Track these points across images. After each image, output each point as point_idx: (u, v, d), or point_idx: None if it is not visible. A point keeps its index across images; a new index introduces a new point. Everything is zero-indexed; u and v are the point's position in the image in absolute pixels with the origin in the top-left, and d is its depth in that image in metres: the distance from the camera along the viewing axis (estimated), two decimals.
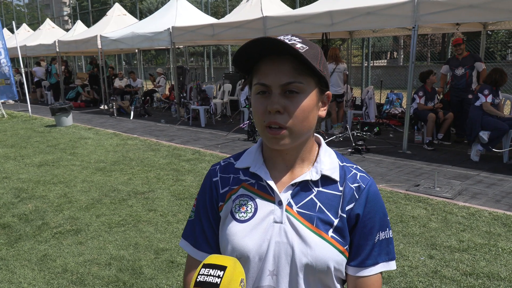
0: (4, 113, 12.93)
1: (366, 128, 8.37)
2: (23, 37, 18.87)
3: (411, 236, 3.72)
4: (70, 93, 15.55)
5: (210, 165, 6.32)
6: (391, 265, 0.99)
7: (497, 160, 6.19)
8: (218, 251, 1.05)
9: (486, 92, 6.09)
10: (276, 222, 0.96)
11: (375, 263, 0.97)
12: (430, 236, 3.69)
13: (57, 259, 3.48)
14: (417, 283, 2.98)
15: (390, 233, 1.00)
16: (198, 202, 1.08)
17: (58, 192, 5.23)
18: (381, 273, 0.98)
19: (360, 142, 7.04)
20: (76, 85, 15.90)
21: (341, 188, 0.98)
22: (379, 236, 0.98)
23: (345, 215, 0.96)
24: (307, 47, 0.91)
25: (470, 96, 7.04)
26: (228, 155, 5.74)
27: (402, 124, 8.37)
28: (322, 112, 1.00)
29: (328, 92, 0.99)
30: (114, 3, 17.24)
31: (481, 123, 6.07)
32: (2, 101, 12.79)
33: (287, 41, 0.90)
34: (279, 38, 0.91)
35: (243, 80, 10.88)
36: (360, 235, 0.97)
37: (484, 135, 5.97)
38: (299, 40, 0.92)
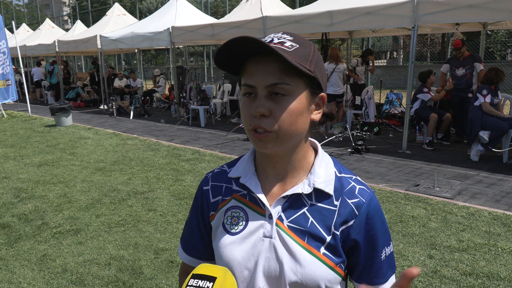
0: (4, 113, 12.92)
1: (366, 128, 8.38)
2: (23, 37, 18.88)
3: (410, 236, 3.72)
4: (70, 92, 15.53)
5: (209, 165, 6.32)
6: (394, 277, 0.98)
7: (497, 160, 6.19)
8: (206, 256, 1.06)
9: (484, 92, 6.09)
10: (266, 236, 0.91)
11: (385, 280, 0.95)
12: (430, 236, 3.70)
13: (56, 259, 3.48)
14: (416, 283, 2.98)
15: (392, 246, 0.97)
16: (191, 207, 1.08)
17: (57, 192, 5.23)
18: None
19: (359, 142, 7.04)
20: (77, 86, 15.89)
21: (336, 203, 0.91)
22: (385, 253, 0.94)
23: (338, 233, 0.90)
24: (297, 46, 0.86)
25: (470, 95, 7.05)
26: (227, 155, 5.69)
27: (401, 124, 8.38)
28: (316, 115, 0.92)
29: (322, 94, 0.91)
30: (113, 3, 17.24)
31: (481, 123, 6.07)
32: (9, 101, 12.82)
33: (276, 39, 0.86)
34: (268, 36, 0.88)
35: None
36: (365, 254, 0.93)
37: (485, 134, 5.97)
38: (289, 38, 0.87)
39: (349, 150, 6.91)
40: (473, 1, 5.66)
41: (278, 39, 0.87)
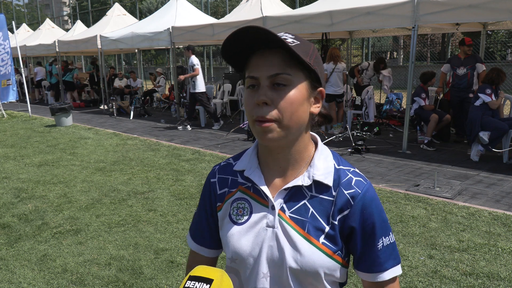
0: (4, 113, 12.93)
1: (366, 128, 8.38)
2: (23, 37, 18.88)
3: (411, 236, 3.72)
4: (68, 74, 15.23)
5: (209, 165, 6.32)
6: (399, 269, 0.99)
7: (497, 160, 6.19)
8: (213, 244, 1.11)
9: (488, 91, 6.08)
10: (269, 226, 0.97)
11: (385, 269, 0.97)
12: (430, 236, 3.70)
13: (57, 259, 3.48)
14: (417, 283, 2.98)
15: (392, 238, 0.99)
16: (200, 198, 1.13)
17: (58, 192, 5.23)
18: (397, 277, 0.99)
19: (360, 142, 7.04)
20: (75, 67, 15.67)
21: (334, 193, 0.96)
22: (383, 242, 0.96)
23: (336, 223, 0.95)
24: (299, 42, 0.91)
25: (470, 95, 7.04)
26: (227, 155, 5.70)
27: (402, 124, 8.37)
28: (315, 109, 0.97)
29: (320, 88, 0.97)
30: (114, 3, 17.24)
31: (481, 123, 6.07)
32: (8, 101, 12.82)
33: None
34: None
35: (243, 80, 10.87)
36: (362, 242, 0.96)
37: (485, 135, 5.97)
38: (291, 36, 0.92)
39: (349, 150, 6.91)
40: (473, 1, 5.66)
41: (280, 36, 0.91)
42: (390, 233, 0.98)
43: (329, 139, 7.52)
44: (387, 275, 0.97)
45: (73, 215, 4.44)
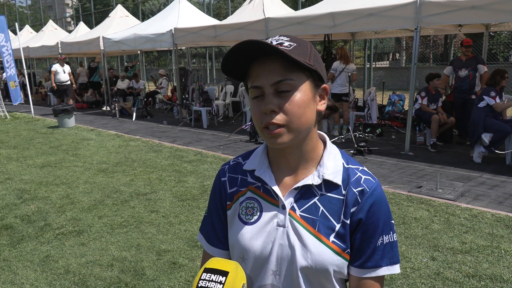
0: (7, 114, 12.97)
1: (368, 129, 8.37)
2: (26, 38, 18.95)
3: (413, 237, 3.71)
4: (95, 75, 15.38)
5: (212, 166, 6.32)
6: (395, 269, 0.98)
7: (500, 162, 6.17)
8: (228, 247, 1.09)
9: (492, 94, 6.06)
10: (279, 225, 0.98)
11: (378, 266, 0.96)
12: (433, 238, 3.69)
13: (59, 260, 3.48)
14: (419, 285, 2.97)
15: (394, 237, 0.98)
16: (209, 200, 1.13)
17: (60, 193, 5.24)
18: (383, 276, 0.98)
19: (362, 144, 7.03)
20: (97, 63, 15.72)
21: (344, 192, 0.97)
22: (382, 240, 0.96)
23: (347, 221, 0.96)
24: (295, 44, 0.91)
25: (473, 97, 7.03)
26: (230, 157, 5.69)
27: (404, 125, 8.36)
28: (321, 106, 0.98)
29: (324, 85, 0.98)
30: (116, 4, 17.28)
31: (484, 125, 6.05)
32: (17, 103, 12.88)
33: (274, 41, 0.92)
34: (265, 40, 0.92)
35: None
36: (362, 237, 0.96)
37: (486, 137, 5.95)
38: (286, 39, 0.93)
39: (352, 151, 6.90)
40: (476, 3, 5.65)
41: (276, 41, 0.93)
42: (392, 232, 0.98)
43: (332, 140, 7.52)
44: (380, 272, 0.96)
45: (75, 216, 4.45)
